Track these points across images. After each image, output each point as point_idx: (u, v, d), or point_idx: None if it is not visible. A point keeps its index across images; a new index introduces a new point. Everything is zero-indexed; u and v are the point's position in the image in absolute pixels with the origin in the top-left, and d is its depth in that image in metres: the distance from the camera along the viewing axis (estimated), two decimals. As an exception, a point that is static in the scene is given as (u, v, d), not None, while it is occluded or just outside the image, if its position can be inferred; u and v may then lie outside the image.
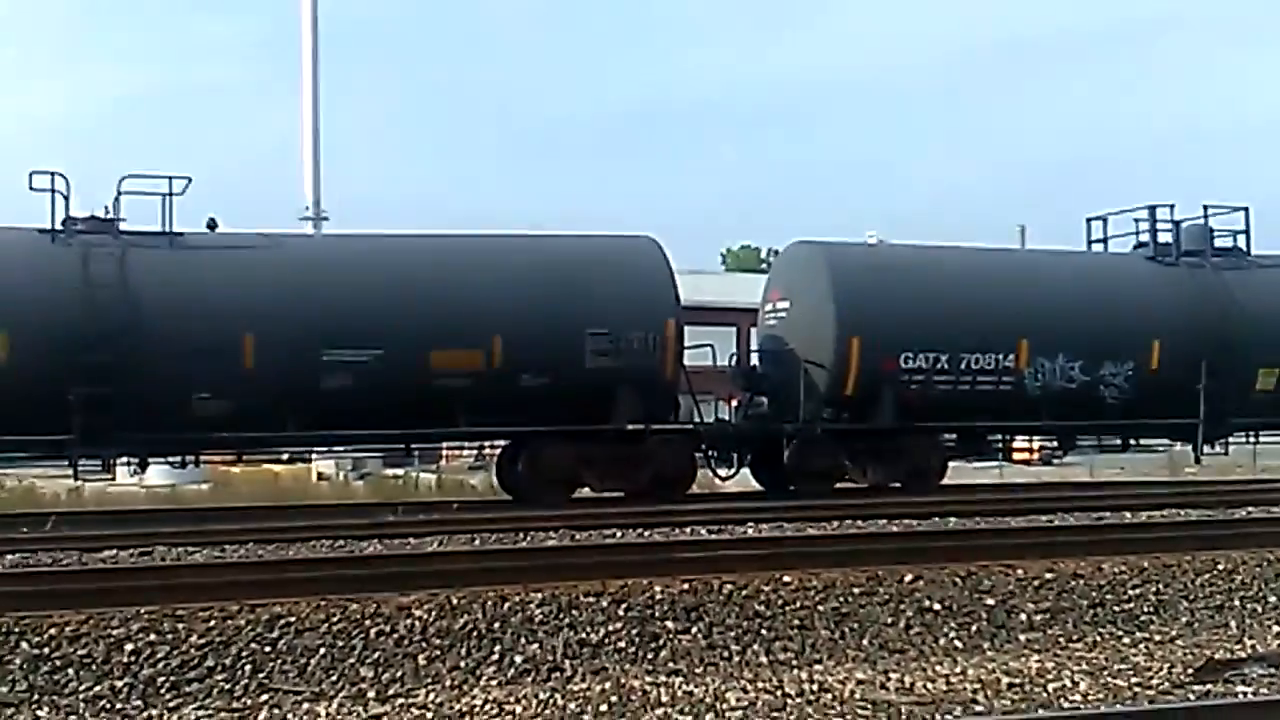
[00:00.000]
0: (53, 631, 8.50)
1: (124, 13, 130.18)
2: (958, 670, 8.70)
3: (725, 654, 9.00)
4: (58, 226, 16.86)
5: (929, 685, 8.26)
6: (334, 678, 8.34)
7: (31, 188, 16.77)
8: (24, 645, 8.36)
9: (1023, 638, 9.78)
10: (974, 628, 9.82)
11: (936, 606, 9.98)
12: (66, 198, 16.91)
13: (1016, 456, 25.85)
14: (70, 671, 8.20)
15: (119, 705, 7.95)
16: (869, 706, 7.69)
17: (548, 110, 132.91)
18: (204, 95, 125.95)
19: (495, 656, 8.71)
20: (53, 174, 16.86)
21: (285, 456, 24.93)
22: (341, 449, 22.13)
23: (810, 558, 10.79)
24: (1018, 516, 15.35)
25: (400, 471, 29.06)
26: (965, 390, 19.59)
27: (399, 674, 8.44)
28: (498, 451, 21.17)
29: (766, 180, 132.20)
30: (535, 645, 8.86)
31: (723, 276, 61.51)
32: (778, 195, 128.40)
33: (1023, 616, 10.08)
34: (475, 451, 28.73)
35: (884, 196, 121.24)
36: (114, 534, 13.84)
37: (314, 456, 25.82)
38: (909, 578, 10.32)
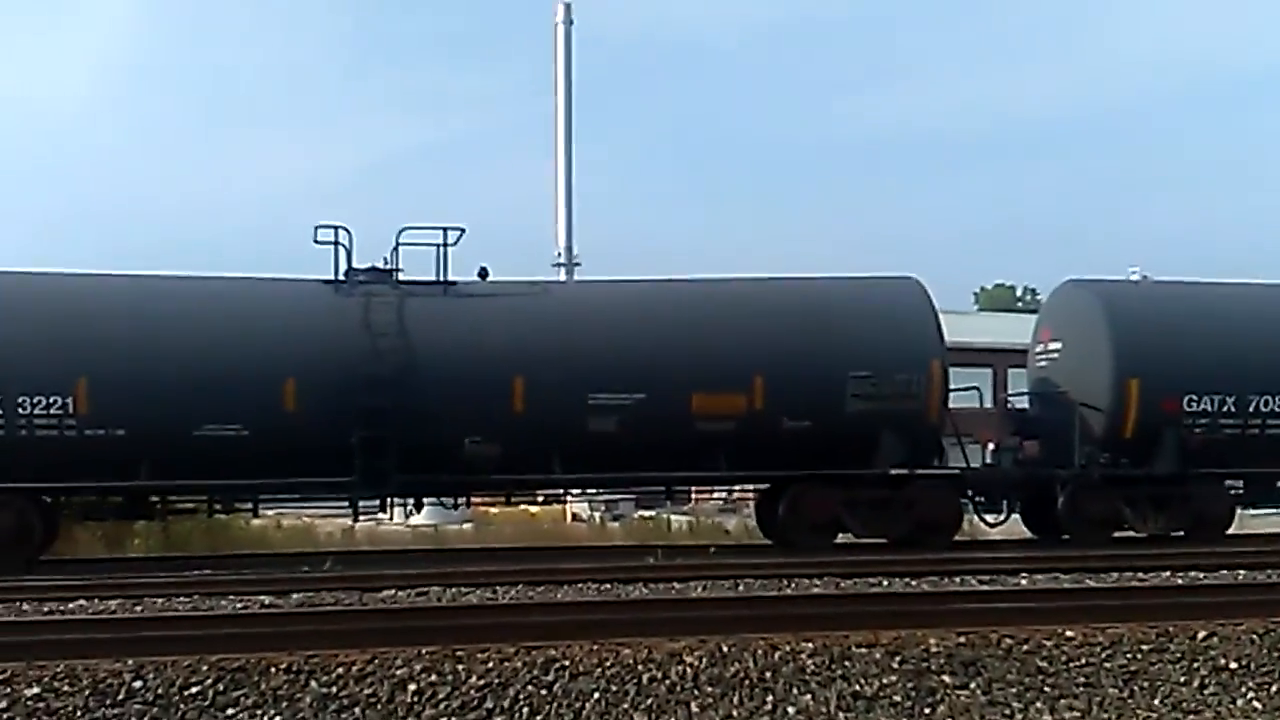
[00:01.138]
0: (340, 671, 8.75)
1: (378, 73, 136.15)
2: (1260, 734, 8.16)
3: (1006, 711, 8.63)
4: (340, 277, 17.70)
5: (1230, 750, 7.75)
6: (607, 723, 8.37)
7: (316, 241, 17.68)
8: (313, 684, 8.64)
9: (1330, 699, 9.11)
10: (1274, 688, 9.19)
11: (1233, 665, 9.39)
12: (349, 250, 17.76)
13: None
14: (357, 711, 8.43)
15: (403, 744, 8.13)
16: (1166, 772, 7.27)
17: (788, 148, 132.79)
18: (458, 147, 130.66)
19: (768, 706, 8.58)
20: (336, 228, 17.76)
21: (541, 498, 25.42)
22: (605, 491, 22.45)
23: (1093, 611, 10.29)
24: (1316, 569, 14.39)
25: (651, 513, 29.30)
26: (1254, 434, 18.60)
27: (672, 721, 8.41)
28: (745, 495, 21.04)
29: (1020, 217, 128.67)
30: (808, 696, 8.69)
31: (976, 316, 60.08)
32: (1030, 232, 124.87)
33: (1329, 676, 9.40)
34: (725, 494, 28.74)
35: (1141, 231, 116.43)
36: (391, 574, 14.29)
37: (569, 498, 26.23)
38: (1201, 634, 9.76)
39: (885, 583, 13.43)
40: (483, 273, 18.36)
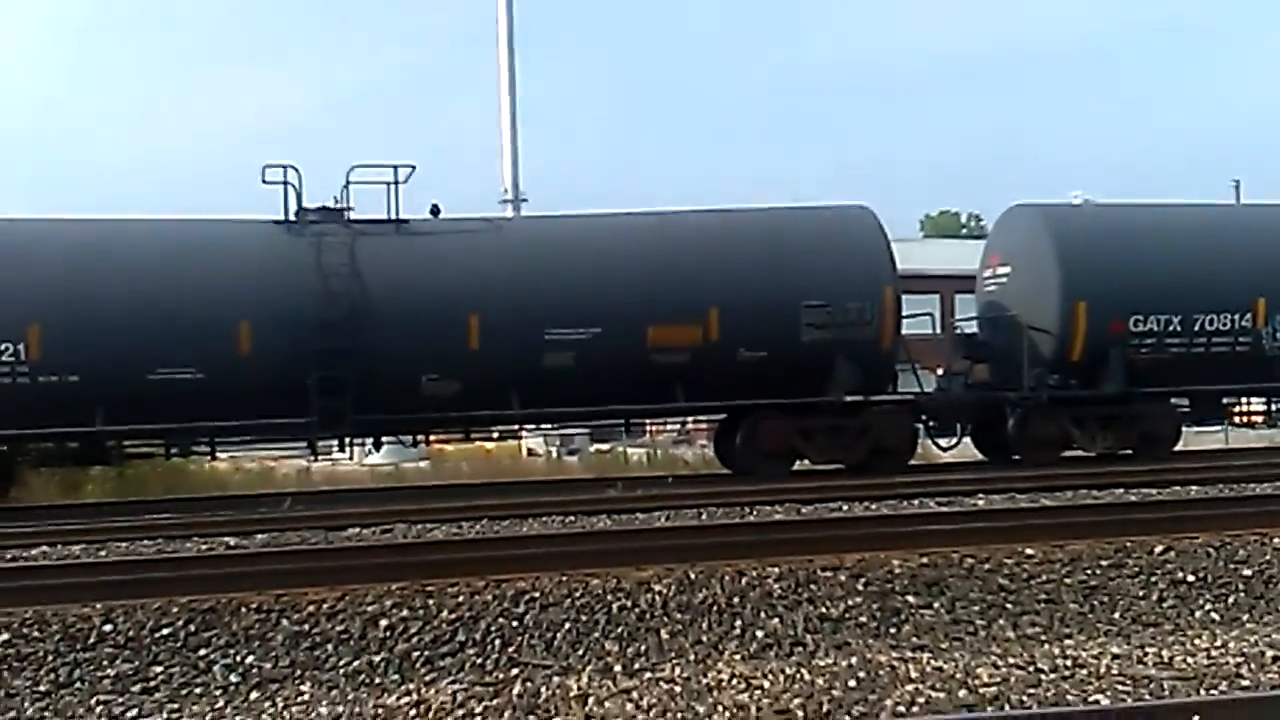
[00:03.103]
0: (311, 609, 8.78)
1: (321, 12, 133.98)
2: (1218, 644, 8.33)
3: (970, 629, 8.80)
4: (291, 218, 17.52)
5: (1189, 660, 7.92)
6: (580, 651, 8.44)
7: (265, 181, 17.47)
8: (284, 622, 8.66)
9: (1284, 609, 9.35)
10: (1230, 599, 9.42)
11: (1190, 578, 9.62)
12: (299, 190, 17.57)
13: (1243, 420, 24.82)
14: (330, 647, 8.45)
15: (377, 680, 8.14)
16: (1129, 681, 7.44)
17: (734, 86, 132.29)
18: (402, 85, 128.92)
19: (737, 631, 8.70)
20: (285, 167, 17.57)
21: (496, 434, 25.44)
22: (561, 425, 22.44)
23: (1051, 529, 10.49)
24: (1264, 483, 14.70)
25: (607, 446, 29.34)
26: (1199, 353, 18.92)
27: (643, 648, 8.47)
28: (699, 426, 21.07)
29: (963, 146, 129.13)
30: (776, 620, 8.82)
31: (923, 243, 60.35)
32: (974, 160, 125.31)
33: (1281, 587, 9.65)
34: (680, 426, 28.86)
35: (1083, 157, 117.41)
36: (356, 512, 14.31)
37: (524, 433, 26.21)
38: (1159, 549, 9.99)
39: (845, 507, 13.61)
40: (434, 210, 18.24)
